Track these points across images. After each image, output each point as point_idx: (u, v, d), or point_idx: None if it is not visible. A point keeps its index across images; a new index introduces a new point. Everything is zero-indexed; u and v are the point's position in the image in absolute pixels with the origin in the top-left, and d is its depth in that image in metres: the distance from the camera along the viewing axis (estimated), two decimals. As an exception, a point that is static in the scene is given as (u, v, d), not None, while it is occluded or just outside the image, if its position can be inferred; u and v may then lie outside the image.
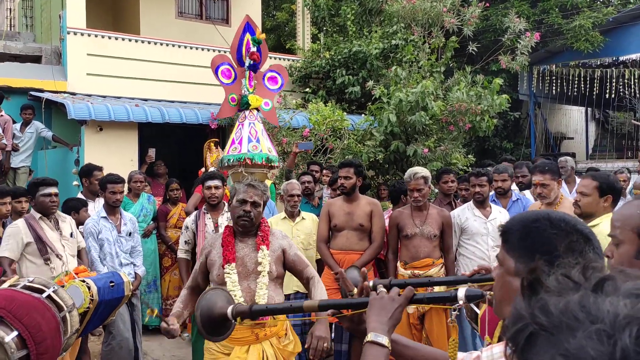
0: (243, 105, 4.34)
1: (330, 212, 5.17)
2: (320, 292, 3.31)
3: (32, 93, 9.09)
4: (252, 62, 4.48)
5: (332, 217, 5.15)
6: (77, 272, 4.59)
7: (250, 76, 4.29)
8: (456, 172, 8.36)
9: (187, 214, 6.44)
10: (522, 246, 1.32)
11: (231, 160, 4.51)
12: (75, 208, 5.51)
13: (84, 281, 4.28)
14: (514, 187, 6.25)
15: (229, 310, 1.97)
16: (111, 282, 4.55)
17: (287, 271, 3.52)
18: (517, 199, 5.86)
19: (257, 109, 4.54)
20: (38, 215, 4.67)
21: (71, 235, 4.84)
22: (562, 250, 1.27)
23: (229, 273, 3.34)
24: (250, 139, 4.18)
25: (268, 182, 7.51)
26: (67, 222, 4.89)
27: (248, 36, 4.66)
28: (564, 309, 0.70)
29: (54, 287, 3.16)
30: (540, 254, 1.28)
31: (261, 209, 3.43)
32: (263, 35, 4.43)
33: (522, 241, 1.33)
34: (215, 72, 4.34)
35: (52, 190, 4.66)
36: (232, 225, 3.51)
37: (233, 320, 2.00)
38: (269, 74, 4.49)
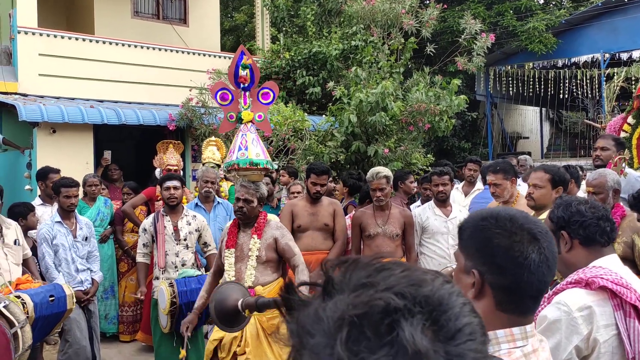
0: (239, 120, 4.94)
1: (294, 213, 5.13)
2: (302, 279, 3.82)
3: (-19, 94, 8.75)
4: (242, 84, 5.10)
5: (296, 218, 5.12)
6: (19, 283, 4.36)
7: (245, 95, 4.89)
8: (417, 172, 8.46)
9: (123, 212, 6.40)
10: (470, 245, 1.36)
11: (226, 167, 5.09)
12: (22, 214, 5.24)
13: (19, 296, 4.03)
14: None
15: (240, 302, 2.17)
16: (51, 296, 4.29)
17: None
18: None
19: (251, 122, 5.11)
20: None
21: (15, 242, 4.59)
22: (502, 249, 1.28)
23: (227, 256, 4.00)
24: (240, 148, 4.82)
25: (227, 185, 7.44)
26: (12, 228, 4.64)
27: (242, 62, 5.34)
28: (298, 326, 0.65)
29: (4, 302, 3.00)
30: (482, 253, 1.31)
31: (254, 204, 4.01)
32: (250, 61, 5.07)
33: (470, 240, 1.36)
34: (215, 97, 4.92)
35: None
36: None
37: (243, 312, 2.19)
38: (262, 91, 5.18)
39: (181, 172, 7.30)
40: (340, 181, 6.96)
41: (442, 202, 5.27)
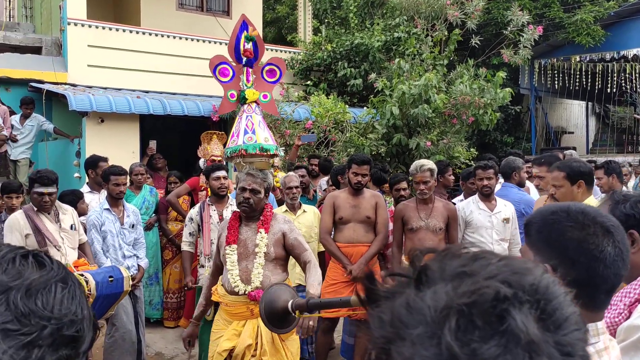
0: (241, 100, 4.49)
1: (336, 205, 5.09)
2: (315, 277, 3.46)
3: (33, 84, 9.03)
4: (247, 58, 4.63)
5: (338, 210, 5.07)
6: (77, 265, 4.53)
7: (248, 72, 4.42)
8: (458, 166, 8.37)
9: (168, 202, 6.50)
10: (540, 239, 1.33)
11: (230, 152, 4.68)
12: (71, 203, 5.34)
13: (82, 275, 4.21)
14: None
15: (290, 304, 2.15)
16: (110, 276, 4.45)
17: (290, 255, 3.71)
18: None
19: (256, 102, 4.67)
20: (36, 207, 4.55)
21: (72, 227, 4.73)
22: (575, 242, 1.27)
23: (229, 254, 3.58)
24: (247, 131, 4.34)
25: (282, 174, 7.51)
26: (68, 214, 4.77)
27: (245, 34, 4.79)
28: (392, 317, 0.62)
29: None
30: (553, 247, 1.29)
31: (262, 195, 3.61)
32: (255, 32, 4.56)
33: (539, 234, 1.34)
34: (214, 72, 4.48)
35: (45, 190, 4.44)
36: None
37: (293, 314, 2.17)
38: (267, 67, 4.63)
39: (224, 163, 7.39)
40: None
41: (487, 196, 5.20)
